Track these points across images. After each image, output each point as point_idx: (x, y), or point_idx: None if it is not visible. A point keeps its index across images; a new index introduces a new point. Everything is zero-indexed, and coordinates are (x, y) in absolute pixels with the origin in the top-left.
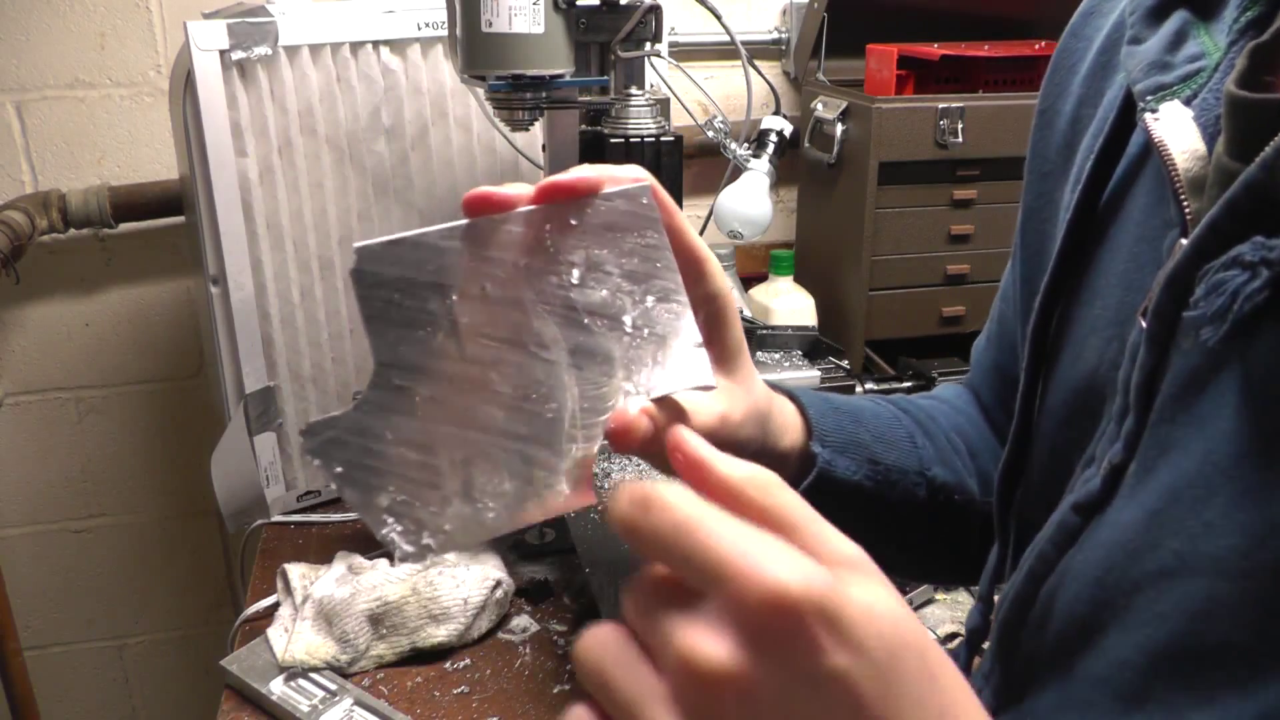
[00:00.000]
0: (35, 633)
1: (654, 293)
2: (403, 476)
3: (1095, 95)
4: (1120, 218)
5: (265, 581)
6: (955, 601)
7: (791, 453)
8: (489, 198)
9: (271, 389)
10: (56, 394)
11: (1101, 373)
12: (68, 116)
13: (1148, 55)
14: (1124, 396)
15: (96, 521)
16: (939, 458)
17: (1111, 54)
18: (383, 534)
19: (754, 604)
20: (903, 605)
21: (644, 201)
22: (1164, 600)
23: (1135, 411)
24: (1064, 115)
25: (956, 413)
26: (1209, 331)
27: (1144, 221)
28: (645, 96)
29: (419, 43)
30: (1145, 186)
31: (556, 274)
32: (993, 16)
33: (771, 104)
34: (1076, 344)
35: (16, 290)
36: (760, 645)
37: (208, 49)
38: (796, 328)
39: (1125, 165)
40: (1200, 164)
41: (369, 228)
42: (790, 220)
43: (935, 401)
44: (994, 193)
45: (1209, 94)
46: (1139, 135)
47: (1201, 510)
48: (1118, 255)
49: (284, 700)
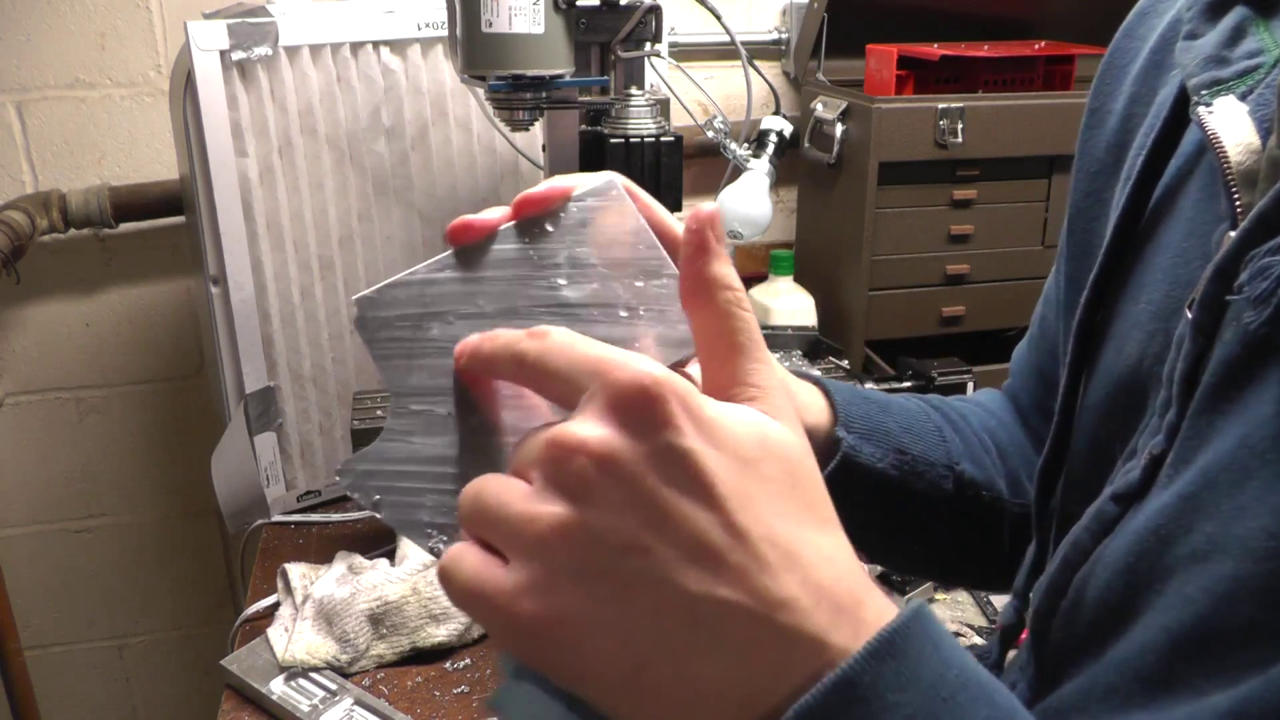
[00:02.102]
0: (35, 633)
1: (642, 273)
2: (437, 490)
3: (1148, 94)
4: (1171, 214)
5: (265, 581)
6: (955, 601)
7: (815, 436)
8: (469, 225)
9: (271, 389)
10: (56, 394)
11: (1145, 367)
12: (68, 116)
13: (1204, 50)
14: (1168, 389)
15: (96, 521)
16: (968, 454)
17: (1165, 53)
18: (430, 545)
19: (622, 385)
20: (788, 432)
21: (613, 194)
22: (1192, 583)
23: (1177, 402)
24: (1115, 114)
25: (989, 415)
26: (1252, 315)
27: (1194, 217)
28: (645, 96)
29: (419, 43)
30: (1198, 183)
31: (544, 278)
32: (993, 16)
33: (771, 104)
34: (1119, 339)
35: (16, 290)
36: (623, 420)
37: (208, 49)
38: (796, 328)
39: (1178, 162)
40: (1254, 158)
41: (369, 228)
42: (790, 220)
43: (968, 403)
44: (994, 193)
45: (1266, 89)
46: (1193, 132)
47: (1236, 493)
48: (1166, 251)
49: (284, 700)
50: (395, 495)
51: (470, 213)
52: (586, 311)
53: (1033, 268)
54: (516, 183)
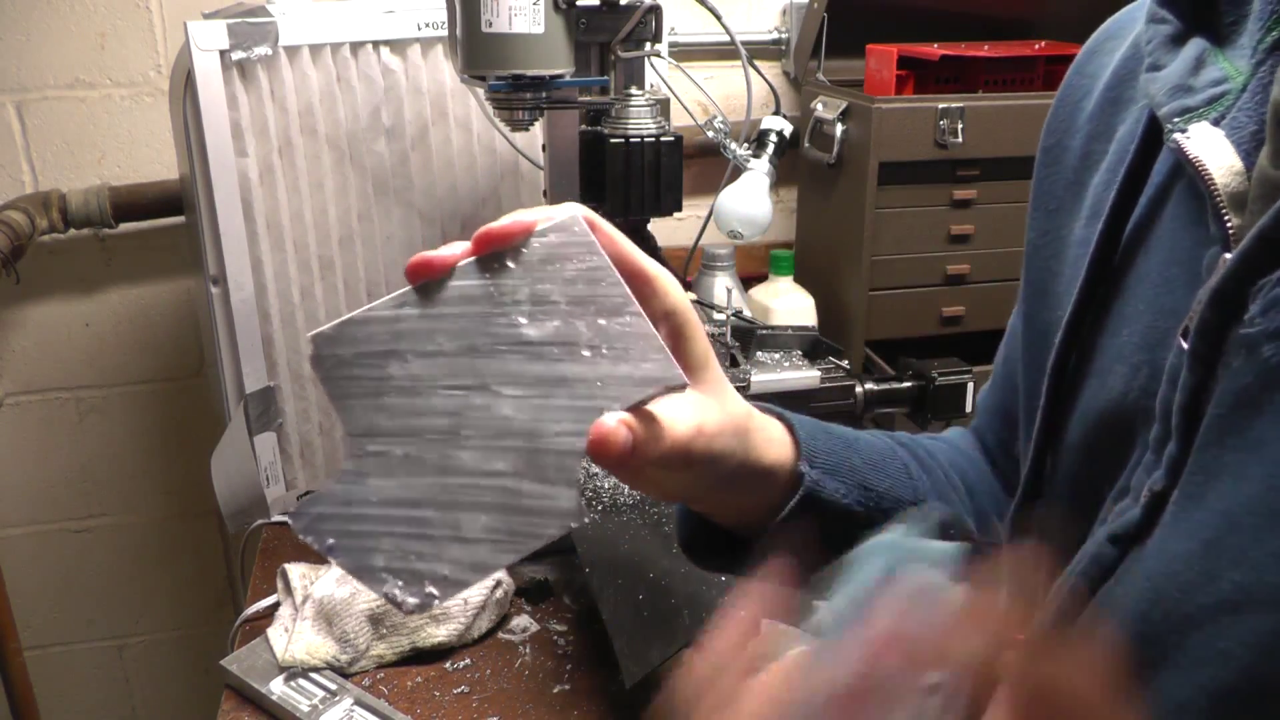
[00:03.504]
0: (35, 633)
1: (605, 311)
2: (393, 534)
3: (1105, 130)
4: (1147, 244)
5: (265, 581)
6: None
7: (777, 470)
8: (429, 262)
9: (271, 389)
10: (56, 394)
11: (1130, 401)
12: (68, 116)
13: (1170, 80)
14: (1164, 422)
15: (96, 521)
16: (935, 491)
17: (1120, 89)
18: (384, 591)
19: None
20: None
21: (575, 230)
22: (1226, 636)
23: (1178, 436)
24: (1072, 151)
25: (957, 452)
26: (1272, 349)
27: (1174, 245)
28: (645, 96)
29: (419, 43)
30: (1173, 211)
31: (505, 315)
32: (993, 16)
33: (771, 104)
34: (1100, 375)
35: (16, 290)
36: None
37: (208, 49)
38: (796, 328)
39: (1150, 192)
40: (1239, 180)
41: (369, 227)
42: (790, 220)
43: (937, 441)
44: (994, 193)
45: (1239, 114)
46: (1165, 160)
47: (1266, 539)
48: (1147, 281)
49: (284, 700)
50: (349, 540)
51: (470, 213)
52: (548, 350)
53: None
54: (516, 183)
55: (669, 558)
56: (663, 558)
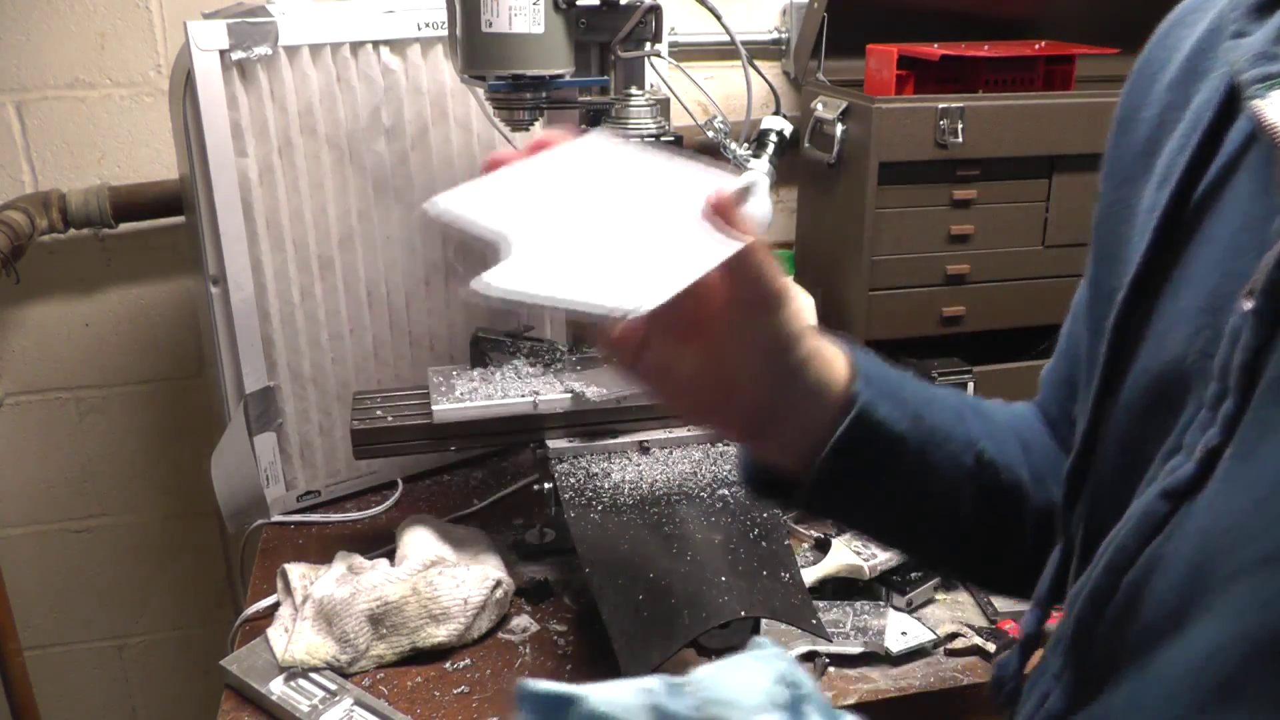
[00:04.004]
0: (35, 633)
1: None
2: None
3: (1182, 100)
4: (1217, 210)
5: (265, 581)
6: (955, 601)
7: (829, 390)
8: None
9: (271, 389)
10: (56, 394)
11: (1189, 362)
12: (68, 116)
13: (1253, 47)
14: (1221, 380)
15: (96, 521)
16: (989, 435)
17: (1199, 60)
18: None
19: None
20: None
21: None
22: (1267, 587)
23: (1235, 394)
24: (1146, 121)
25: (1017, 416)
26: None
27: (1247, 210)
28: (645, 96)
29: (419, 43)
30: (1246, 177)
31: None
32: (993, 16)
33: (771, 104)
34: (1161, 335)
35: (16, 290)
36: None
37: (208, 49)
38: None
39: (1224, 159)
40: None
41: (369, 227)
42: (790, 220)
43: (996, 404)
44: (994, 193)
45: None
46: (1240, 129)
47: None
48: (1214, 245)
49: (284, 700)
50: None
51: None
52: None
53: (1033, 268)
54: None
55: (669, 558)
56: (663, 558)
